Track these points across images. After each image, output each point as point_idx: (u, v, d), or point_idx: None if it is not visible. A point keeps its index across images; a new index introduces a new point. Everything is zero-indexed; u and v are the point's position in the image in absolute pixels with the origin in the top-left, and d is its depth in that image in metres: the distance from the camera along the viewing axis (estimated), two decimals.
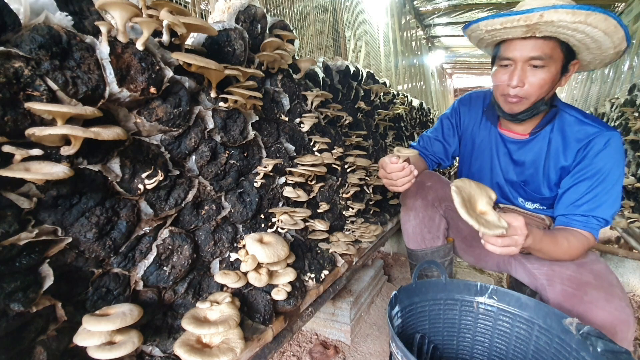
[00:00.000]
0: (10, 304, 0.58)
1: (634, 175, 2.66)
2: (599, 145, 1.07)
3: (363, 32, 4.05)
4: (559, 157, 1.15)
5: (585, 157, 1.09)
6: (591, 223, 1.06)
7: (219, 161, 1.05)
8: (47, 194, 0.66)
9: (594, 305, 0.98)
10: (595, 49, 0.99)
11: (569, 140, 1.13)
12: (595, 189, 1.06)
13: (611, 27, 0.91)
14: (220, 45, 1.06)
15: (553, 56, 1.00)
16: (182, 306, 0.93)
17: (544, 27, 0.94)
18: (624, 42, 0.95)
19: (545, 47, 0.99)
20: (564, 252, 1.04)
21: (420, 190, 1.34)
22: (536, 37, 0.98)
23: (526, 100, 1.07)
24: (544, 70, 1.01)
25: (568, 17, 0.89)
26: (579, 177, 1.10)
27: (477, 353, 1.12)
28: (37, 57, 0.62)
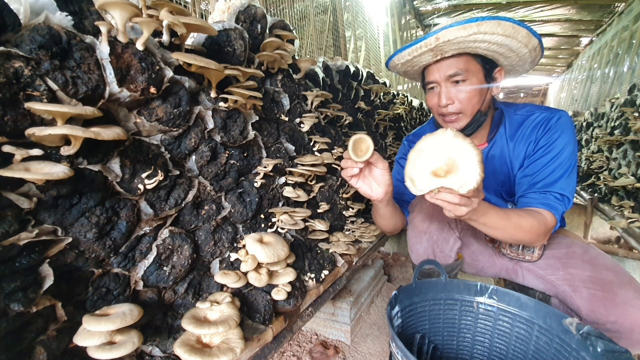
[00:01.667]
0: (10, 304, 0.58)
1: (634, 175, 2.66)
2: (551, 124, 1.10)
3: (363, 32, 4.05)
4: (520, 150, 1.17)
5: (542, 137, 1.11)
6: (549, 200, 1.05)
7: (219, 161, 1.05)
8: (47, 194, 0.66)
9: (630, 306, 0.96)
10: (508, 52, 1.02)
11: (524, 132, 1.15)
12: (550, 164, 1.07)
13: (509, 30, 0.94)
14: (220, 45, 1.06)
15: (469, 69, 1.05)
16: (182, 306, 0.93)
17: (447, 47, 0.99)
18: (532, 38, 0.97)
19: (459, 63, 1.04)
20: (516, 228, 0.99)
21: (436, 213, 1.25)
22: (447, 57, 1.04)
23: (463, 116, 1.10)
24: (466, 83, 1.06)
25: (461, 32, 0.94)
26: (535, 157, 1.12)
27: (477, 353, 1.12)
28: (37, 57, 0.62)
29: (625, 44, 4.43)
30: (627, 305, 0.96)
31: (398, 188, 1.39)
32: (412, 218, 1.31)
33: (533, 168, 1.11)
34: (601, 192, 3.19)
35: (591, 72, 6.16)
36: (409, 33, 6.30)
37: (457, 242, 1.30)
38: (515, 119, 1.18)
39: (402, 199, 1.39)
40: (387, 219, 1.26)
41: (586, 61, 6.96)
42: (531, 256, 1.23)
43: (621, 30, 4.79)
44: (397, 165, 1.47)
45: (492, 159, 1.24)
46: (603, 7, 5.40)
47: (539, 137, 1.12)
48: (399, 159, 1.47)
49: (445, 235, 1.26)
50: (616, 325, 0.95)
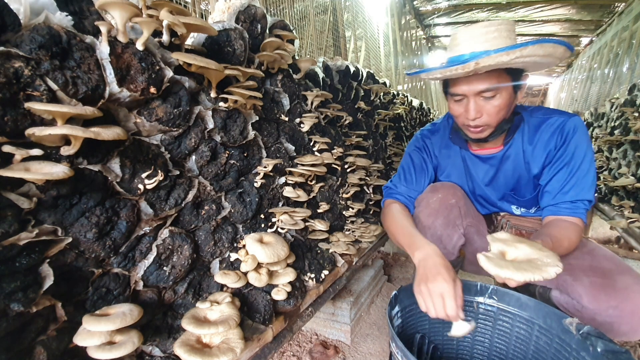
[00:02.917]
0: (10, 304, 0.58)
1: (634, 175, 2.66)
2: (569, 131, 1.11)
3: (363, 32, 4.05)
4: (539, 155, 1.17)
5: (561, 145, 1.12)
6: (579, 208, 1.09)
7: (219, 161, 1.05)
8: (47, 194, 0.66)
9: (631, 290, 0.97)
10: (541, 65, 1.03)
11: (542, 136, 1.16)
12: (576, 173, 1.10)
13: (549, 50, 0.93)
14: (220, 45, 1.06)
15: (501, 81, 1.02)
16: (182, 306, 0.93)
17: (484, 69, 0.96)
18: (567, 52, 0.98)
19: (491, 79, 1.01)
20: (566, 250, 1.05)
21: (442, 209, 1.24)
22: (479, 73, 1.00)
23: (488, 127, 1.10)
24: (496, 98, 1.03)
25: (503, 58, 0.91)
26: (558, 165, 1.13)
27: (477, 353, 1.12)
28: (37, 57, 0.62)
29: (625, 44, 4.43)
30: (628, 290, 0.98)
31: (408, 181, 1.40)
32: (417, 213, 1.30)
33: (559, 179, 1.12)
34: (601, 192, 3.19)
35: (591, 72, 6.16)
36: (409, 33, 6.30)
37: (461, 239, 1.30)
38: (532, 122, 1.18)
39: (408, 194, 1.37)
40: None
41: (586, 61, 6.96)
42: None
43: (621, 30, 4.79)
44: (408, 157, 1.44)
45: (505, 162, 1.24)
46: (603, 7, 5.40)
47: (558, 146, 1.13)
48: (410, 152, 1.43)
49: (449, 231, 1.26)
50: (617, 310, 0.96)
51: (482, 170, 1.30)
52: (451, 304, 0.87)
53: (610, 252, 1.14)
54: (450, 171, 1.38)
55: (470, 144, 1.29)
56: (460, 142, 1.30)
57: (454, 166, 1.36)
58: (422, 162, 1.40)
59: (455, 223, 1.26)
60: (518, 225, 1.35)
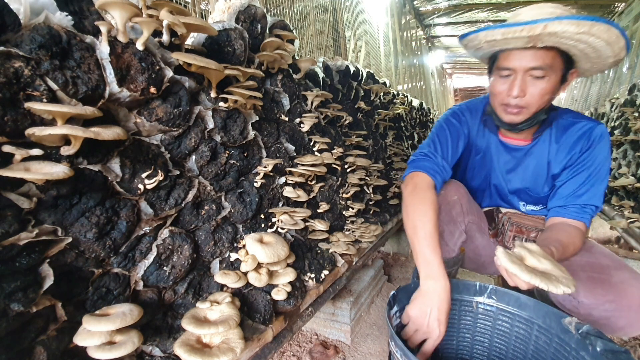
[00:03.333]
0: (10, 304, 0.58)
1: (634, 175, 2.66)
2: (596, 138, 1.12)
3: (363, 32, 4.05)
4: (562, 156, 1.17)
5: (586, 150, 1.13)
6: (587, 213, 1.10)
7: (219, 161, 1.05)
8: (47, 194, 0.66)
9: (627, 285, 0.98)
10: (595, 57, 0.99)
11: (569, 138, 1.16)
12: (593, 179, 1.10)
13: (613, 37, 0.91)
14: (220, 45, 1.06)
15: (553, 66, 1.00)
16: (182, 306, 0.93)
17: (546, 38, 0.93)
18: (624, 50, 0.95)
19: (546, 58, 0.98)
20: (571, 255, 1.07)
21: (444, 205, 1.24)
22: (537, 47, 0.97)
23: (526, 110, 1.07)
24: (545, 80, 1.01)
25: (572, 28, 0.88)
26: (578, 168, 1.13)
27: (477, 353, 1.12)
28: (37, 57, 0.62)
29: None
30: (624, 284, 0.99)
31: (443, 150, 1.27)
32: None
33: (576, 182, 1.13)
34: None
35: None
36: (409, 33, 6.30)
37: (462, 235, 1.30)
38: (561, 122, 1.18)
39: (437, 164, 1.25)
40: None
41: None
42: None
43: None
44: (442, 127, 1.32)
45: (529, 157, 1.23)
46: (603, 7, 5.40)
47: (583, 150, 1.13)
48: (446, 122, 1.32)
49: (451, 227, 1.26)
50: (614, 304, 0.97)
51: (504, 160, 1.29)
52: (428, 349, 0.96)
53: (608, 250, 1.15)
54: (478, 154, 1.35)
55: (500, 131, 1.26)
56: (491, 126, 1.28)
57: (481, 149, 1.34)
58: (457, 135, 1.32)
59: (456, 220, 1.27)
60: (519, 222, 1.35)
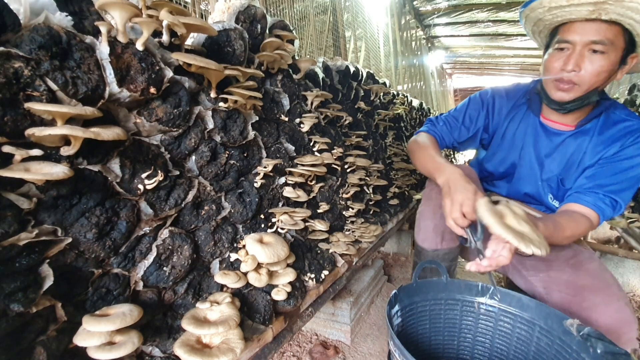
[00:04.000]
0: (10, 305, 0.58)
1: None
2: (636, 138, 1.06)
3: (363, 32, 4.05)
4: (600, 150, 1.11)
5: (628, 147, 1.07)
6: (605, 203, 1.03)
7: (219, 161, 1.05)
8: (47, 194, 0.66)
9: (593, 311, 0.98)
10: None
11: (614, 134, 1.10)
12: (624, 173, 1.04)
13: None
14: (220, 46, 1.06)
15: (615, 43, 0.95)
16: (182, 306, 0.92)
17: (612, 8, 0.89)
18: None
19: (608, 32, 0.94)
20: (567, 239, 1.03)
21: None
22: (601, 20, 0.93)
23: (579, 88, 1.01)
24: (604, 57, 0.96)
25: None
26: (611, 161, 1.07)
27: (478, 353, 1.12)
28: (37, 58, 0.62)
29: None
30: (591, 310, 0.98)
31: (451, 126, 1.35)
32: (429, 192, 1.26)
33: (603, 172, 1.07)
34: None
35: None
36: (409, 33, 6.30)
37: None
38: (612, 117, 1.11)
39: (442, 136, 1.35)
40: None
41: None
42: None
43: None
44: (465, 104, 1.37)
45: (568, 145, 1.17)
46: None
47: (625, 146, 1.07)
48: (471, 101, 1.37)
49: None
50: None
51: (542, 144, 1.22)
52: (468, 208, 0.93)
53: (598, 268, 1.09)
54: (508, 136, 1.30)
55: (543, 112, 1.21)
56: (535, 106, 1.22)
57: (515, 131, 1.28)
58: (475, 117, 1.34)
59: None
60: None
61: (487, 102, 1.34)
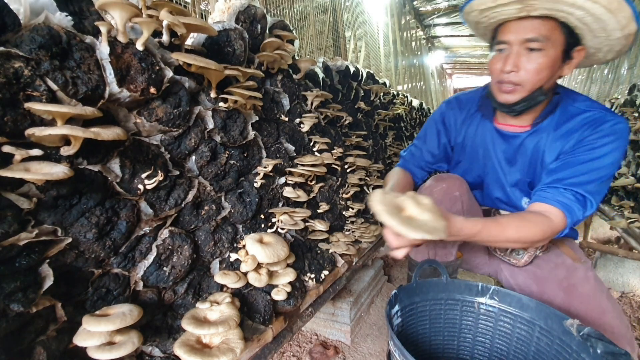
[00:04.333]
0: (10, 304, 0.58)
1: (634, 175, 2.65)
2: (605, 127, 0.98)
3: (363, 32, 4.05)
4: (558, 145, 1.06)
5: (586, 137, 1.00)
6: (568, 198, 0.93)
7: (219, 161, 1.05)
8: (47, 194, 0.66)
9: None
10: (599, 30, 0.90)
11: (571, 126, 1.04)
12: (586, 164, 0.96)
13: (614, 3, 0.82)
14: (220, 46, 1.06)
15: (551, 38, 0.92)
16: (182, 306, 0.92)
17: (539, 4, 0.86)
18: (632, 22, 0.85)
19: (542, 28, 0.91)
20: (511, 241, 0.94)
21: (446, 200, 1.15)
22: (532, 16, 0.90)
23: (521, 88, 0.98)
24: (541, 54, 0.93)
25: None
26: (572, 154, 1.00)
27: (478, 353, 1.12)
28: (37, 58, 0.62)
29: None
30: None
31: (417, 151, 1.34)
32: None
33: (565, 164, 0.99)
34: None
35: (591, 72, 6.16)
36: (409, 33, 6.31)
37: None
38: (569, 110, 1.05)
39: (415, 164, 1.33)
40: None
41: None
42: (517, 260, 1.17)
43: None
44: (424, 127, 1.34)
45: (527, 146, 1.11)
46: None
47: (584, 136, 0.99)
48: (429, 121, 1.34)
49: None
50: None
51: (501, 149, 1.18)
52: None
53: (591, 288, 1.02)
54: (468, 145, 1.26)
55: (497, 117, 1.17)
56: (487, 112, 1.18)
57: (473, 140, 1.24)
58: (436, 135, 1.32)
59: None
60: None
61: (442, 117, 1.31)
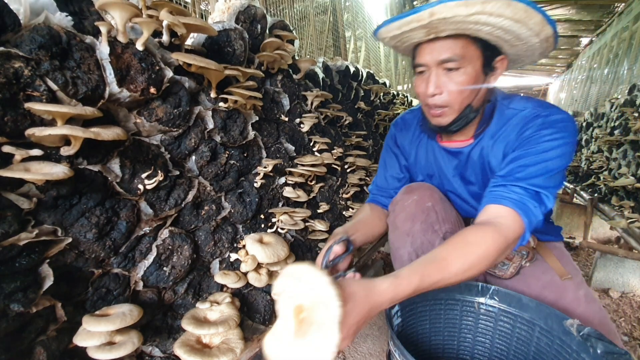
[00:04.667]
0: (10, 305, 0.58)
1: (634, 175, 2.65)
2: (545, 121, 0.92)
3: (363, 32, 4.05)
4: (499, 149, 1.01)
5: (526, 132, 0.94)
6: (517, 194, 0.84)
7: (219, 161, 1.05)
8: (47, 194, 0.66)
9: None
10: (514, 40, 0.86)
11: (508, 128, 0.99)
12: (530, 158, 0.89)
13: (520, 13, 0.77)
14: (220, 46, 1.06)
15: (466, 55, 0.88)
16: (182, 306, 0.92)
17: (442, 26, 0.82)
18: (546, 26, 0.81)
19: (455, 47, 0.87)
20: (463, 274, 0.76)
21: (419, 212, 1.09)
22: (443, 37, 0.86)
23: (450, 110, 0.95)
24: (460, 72, 0.89)
25: (461, 9, 0.76)
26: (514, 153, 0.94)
27: (478, 353, 1.12)
28: (37, 58, 0.62)
29: (625, 44, 4.43)
30: None
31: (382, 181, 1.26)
32: (393, 219, 1.12)
33: (510, 162, 0.92)
34: (601, 192, 3.19)
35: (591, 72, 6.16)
36: None
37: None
38: (506, 113, 1.00)
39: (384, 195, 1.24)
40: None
41: (586, 61, 6.96)
42: (503, 272, 1.12)
43: (621, 30, 4.80)
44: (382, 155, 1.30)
45: (472, 159, 1.07)
46: (603, 7, 5.40)
47: (523, 134, 0.93)
48: (385, 148, 1.30)
49: (429, 237, 1.08)
50: None
51: (452, 166, 1.13)
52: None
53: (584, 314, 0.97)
54: (421, 164, 1.21)
55: (440, 136, 1.12)
56: (428, 131, 1.12)
57: (425, 159, 1.19)
58: (395, 159, 1.26)
59: (434, 228, 1.09)
60: None
61: (394, 139, 1.27)
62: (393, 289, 0.67)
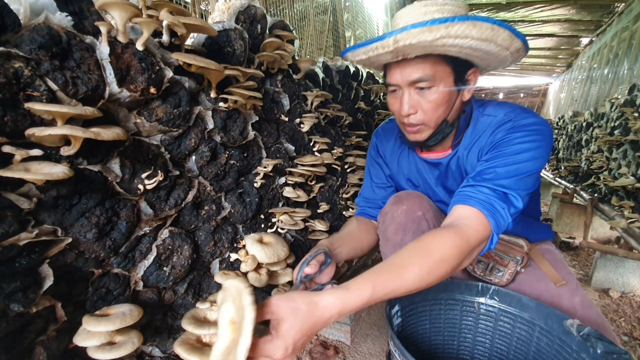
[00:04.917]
0: (10, 305, 0.58)
1: (634, 175, 2.65)
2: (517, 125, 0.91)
3: (363, 32, 4.05)
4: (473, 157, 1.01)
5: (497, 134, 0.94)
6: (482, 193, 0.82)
7: (219, 161, 1.05)
8: (47, 194, 0.66)
9: None
10: (484, 54, 0.84)
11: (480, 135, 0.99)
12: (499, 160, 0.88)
13: (486, 32, 0.77)
14: (220, 46, 1.06)
15: (436, 74, 0.87)
16: (182, 306, 0.92)
17: (409, 50, 0.80)
18: (515, 40, 0.81)
19: (425, 67, 0.85)
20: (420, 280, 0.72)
21: (409, 222, 1.07)
22: (411, 58, 0.84)
23: (426, 127, 0.94)
24: (432, 91, 0.88)
25: (425, 35, 0.74)
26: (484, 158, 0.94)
27: (478, 353, 1.12)
28: (37, 58, 0.62)
29: (625, 44, 4.43)
30: None
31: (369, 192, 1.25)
32: (384, 230, 1.11)
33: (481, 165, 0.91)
34: (601, 192, 3.19)
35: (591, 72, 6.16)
36: None
37: None
38: (480, 121, 1.00)
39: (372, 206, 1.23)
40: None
41: (586, 61, 6.96)
42: (499, 279, 1.10)
43: (621, 30, 4.80)
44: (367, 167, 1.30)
45: (451, 169, 1.07)
46: (603, 7, 5.40)
47: (494, 138, 0.93)
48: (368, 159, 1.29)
49: None
50: None
51: (434, 176, 1.13)
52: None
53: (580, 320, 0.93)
54: (404, 174, 1.21)
55: (419, 147, 1.11)
56: (408, 143, 1.10)
57: (408, 169, 1.19)
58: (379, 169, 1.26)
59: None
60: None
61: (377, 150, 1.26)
62: (340, 302, 0.63)
